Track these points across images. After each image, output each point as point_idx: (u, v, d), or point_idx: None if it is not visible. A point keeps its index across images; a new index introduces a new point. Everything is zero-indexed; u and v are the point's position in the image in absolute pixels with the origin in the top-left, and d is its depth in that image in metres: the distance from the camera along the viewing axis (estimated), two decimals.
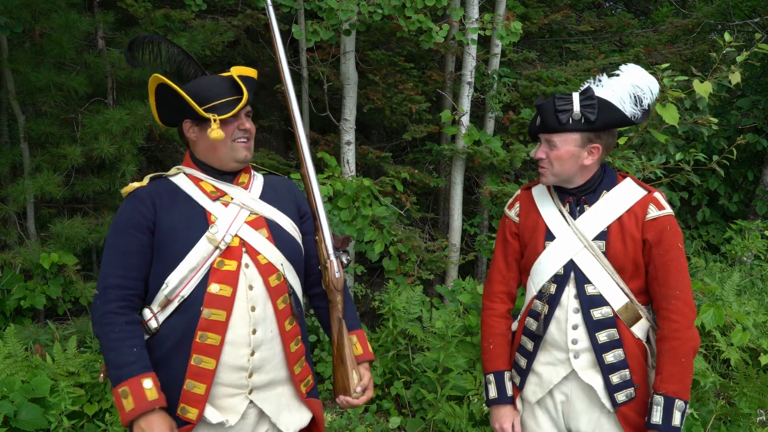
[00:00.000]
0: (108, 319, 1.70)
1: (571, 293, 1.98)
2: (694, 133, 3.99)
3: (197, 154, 1.89)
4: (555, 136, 1.94)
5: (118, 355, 1.68)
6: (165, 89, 1.80)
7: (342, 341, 1.94)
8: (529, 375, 2.07)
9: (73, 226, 4.08)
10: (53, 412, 3.11)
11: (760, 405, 3.41)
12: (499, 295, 2.16)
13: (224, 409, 1.77)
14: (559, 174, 1.97)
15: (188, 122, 1.85)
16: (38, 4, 3.89)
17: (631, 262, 1.94)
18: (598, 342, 1.94)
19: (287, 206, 1.96)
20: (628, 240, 1.94)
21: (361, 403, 1.94)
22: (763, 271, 5.63)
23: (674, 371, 1.87)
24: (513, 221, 2.14)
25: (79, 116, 4.28)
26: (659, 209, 1.95)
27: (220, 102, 1.80)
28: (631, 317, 1.96)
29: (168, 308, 1.75)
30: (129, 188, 1.82)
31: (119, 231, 1.76)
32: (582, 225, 1.98)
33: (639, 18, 8.48)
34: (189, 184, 1.85)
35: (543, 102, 1.95)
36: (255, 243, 1.82)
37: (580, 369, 1.97)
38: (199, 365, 1.73)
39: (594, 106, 1.89)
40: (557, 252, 2.00)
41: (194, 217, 1.79)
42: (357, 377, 1.93)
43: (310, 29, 3.81)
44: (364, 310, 5.04)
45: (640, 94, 1.95)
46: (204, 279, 1.74)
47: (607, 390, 1.94)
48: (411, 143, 5.90)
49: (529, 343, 2.07)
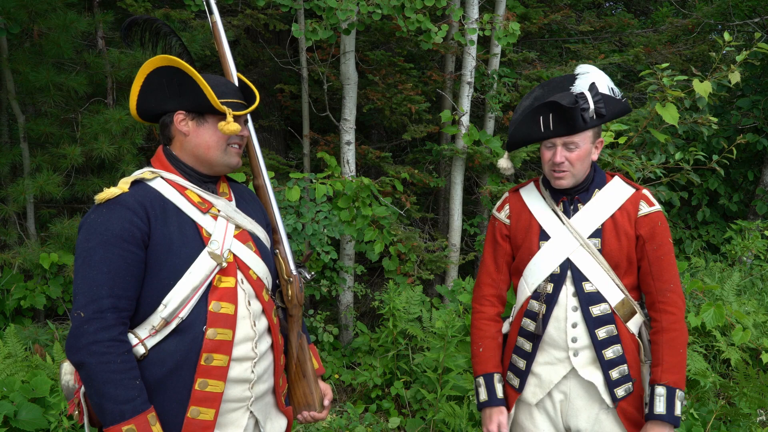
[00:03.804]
0: (105, 348, 1.51)
1: (569, 291, 2.00)
2: (694, 133, 3.99)
3: (181, 153, 1.72)
4: (577, 136, 1.94)
5: (119, 389, 1.51)
6: (170, 73, 1.65)
7: (304, 356, 1.91)
8: (529, 376, 2.06)
9: (73, 226, 4.09)
10: (53, 412, 3.11)
11: (760, 405, 3.41)
12: (488, 298, 2.16)
13: (226, 426, 1.70)
14: (578, 174, 1.99)
15: (182, 114, 1.69)
16: (35, 4, 3.88)
17: (626, 258, 1.99)
18: (598, 339, 1.97)
19: (259, 216, 1.87)
20: (622, 237, 1.98)
21: (325, 416, 1.94)
22: (763, 271, 5.63)
23: (674, 362, 1.92)
24: (503, 223, 2.14)
25: (79, 116, 4.28)
26: (650, 206, 2.01)
27: (230, 101, 1.70)
28: (627, 312, 2.00)
29: (163, 331, 1.60)
30: (108, 194, 1.60)
31: (109, 244, 1.55)
32: (577, 223, 2.00)
33: (639, 18, 8.48)
34: (174, 192, 1.69)
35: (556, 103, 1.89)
36: (245, 258, 1.74)
37: (580, 367, 1.99)
38: (205, 389, 1.62)
39: (602, 101, 1.93)
40: (553, 251, 2.01)
41: (188, 231, 1.66)
42: (319, 391, 1.93)
43: (309, 28, 3.81)
44: (364, 310, 5.04)
45: (612, 86, 2.00)
46: (203, 297, 1.63)
47: (607, 385, 1.98)
48: (411, 143, 5.90)
49: (526, 344, 2.07)
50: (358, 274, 4.64)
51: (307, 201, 3.93)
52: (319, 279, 4.37)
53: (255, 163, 1.91)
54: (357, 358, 4.26)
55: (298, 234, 3.80)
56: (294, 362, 1.92)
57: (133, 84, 1.70)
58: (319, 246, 3.88)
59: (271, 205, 1.92)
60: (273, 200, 1.93)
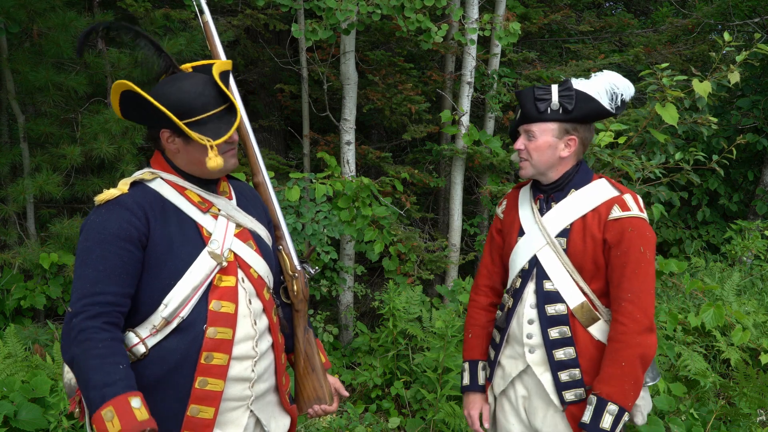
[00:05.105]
0: (87, 335, 1.50)
1: (531, 288, 2.00)
2: (694, 133, 3.99)
3: (176, 161, 1.70)
4: (534, 125, 1.96)
5: (99, 374, 1.48)
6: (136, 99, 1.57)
7: (312, 351, 1.92)
8: (496, 367, 2.10)
9: (72, 226, 4.08)
10: (53, 412, 3.11)
11: (760, 405, 3.41)
12: (482, 288, 2.22)
13: (226, 425, 1.70)
14: (537, 166, 1.99)
15: (167, 132, 1.64)
16: (34, 3, 3.88)
17: (591, 261, 1.93)
18: (549, 338, 1.95)
19: (260, 214, 1.87)
20: (588, 239, 1.93)
21: (335, 408, 1.95)
22: (763, 271, 5.63)
23: (612, 373, 1.83)
24: (498, 218, 2.20)
25: (79, 116, 4.28)
26: (623, 210, 1.91)
27: (208, 115, 1.61)
28: (587, 317, 1.94)
29: (164, 330, 1.60)
30: (108, 195, 1.61)
31: (106, 242, 1.56)
32: (547, 221, 2.00)
33: (639, 18, 8.48)
34: (173, 193, 1.68)
35: (522, 90, 1.99)
36: (246, 257, 1.74)
37: (534, 364, 1.99)
38: (205, 388, 1.62)
39: (572, 97, 1.92)
40: (525, 247, 2.03)
41: (188, 231, 1.66)
42: (328, 385, 1.94)
43: (309, 28, 3.81)
44: (364, 310, 5.04)
45: (616, 91, 1.97)
46: (203, 296, 1.64)
47: (556, 387, 1.94)
48: (411, 143, 5.89)
49: (497, 335, 2.11)
50: (358, 274, 4.64)
51: (307, 201, 3.93)
52: (319, 279, 4.37)
53: (253, 161, 1.90)
54: (357, 358, 4.26)
55: (298, 234, 3.80)
56: (302, 357, 1.93)
57: (111, 97, 1.64)
58: (319, 246, 3.88)
59: (272, 202, 1.92)
60: (274, 197, 1.93)
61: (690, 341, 3.89)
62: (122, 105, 1.63)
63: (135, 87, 1.55)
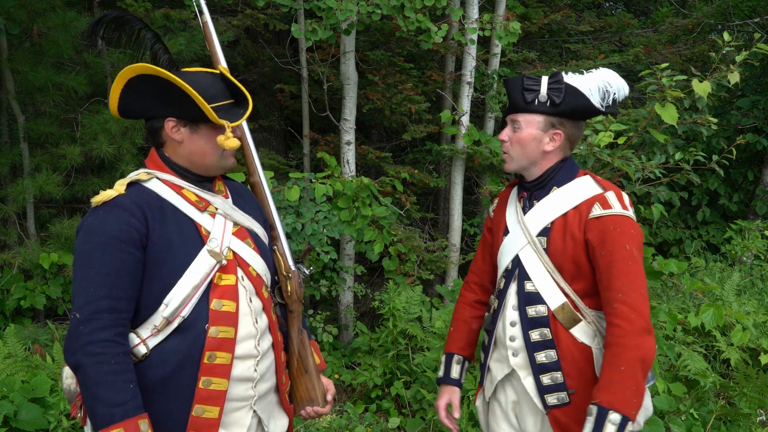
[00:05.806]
0: (100, 348, 1.49)
1: (513, 289, 1.96)
2: (694, 133, 3.99)
3: (175, 156, 1.69)
4: (520, 116, 1.93)
5: (110, 391, 1.48)
6: (155, 81, 1.56)
7: (305, 352, 1.92)
8: (486, 371, 2.08)
9: (72, 226, 4.08)
10: (53, 412, 3.11)
11: (760, 405, 3.41)
12: (470, 284, 2.23)
13: (230, 425, 1.69)
14: (520, 158, 1.95)
15: (172, 122, 1.64)
16: (34, 4, 3.88)
17: (571, 261, 1.86)
18: (531, 340, 1.90)
19: (256, 213, 1.86)
20: (568, 238, 1.87)
21: (329, 411, 1.94)
22: (763, 271, 5.63)
23: (612, 380, 1.70)
24: (490, 216, 2.20)
25: (79, 116, 4.28)
26: (604, 208, 1.83)
27: (220, 104, 1.63)
28: (569, 319, 1.87)
29: (165, 330, 1.60)
30: (105, 197, 1.60)
31: (106, 246, 1.54)
32: (528, 220, 1.96)
33: (639, 18, 8.48)
34: (170, 192, 1.67)
35: (511, 78, 1.97)
36: (245, 255, 1.74)
37: (517, 368, 1.95)
38: (209, 387, 1.62)
39: (561, 90, 1.88)
40: (509, 246, 2.00)
41: (186, 230, 1.65)
42: (321, 386, 1.93)
43: (309, 28, 3.81)
44: (364, 310, 5.05)
45: (609, 89, 1.93)
46: (204, 296, 1.63)
47: (538, 390, 1.89)
48: (411, 143, 5.90)
49: (486, 338, 2.08)
50: (358, 274, 4.64)
51: (307, 201, 3.93)
52: (319, 279, 4.37)
53: (250, 161, 1.90)
54: (357, 358, 4.26)
55: (298, 234, 3.80)
56: (295, 358, 1.92)
57: (113, 87, 1.62)
58: (319, 246, 3.88)
59: (267, 202, 1.92)
60: (269, 197, 1.92)
61: (690, 341, 3.89)
62: (125, 97, 1.62)
63: (158, 68, 1.55)
